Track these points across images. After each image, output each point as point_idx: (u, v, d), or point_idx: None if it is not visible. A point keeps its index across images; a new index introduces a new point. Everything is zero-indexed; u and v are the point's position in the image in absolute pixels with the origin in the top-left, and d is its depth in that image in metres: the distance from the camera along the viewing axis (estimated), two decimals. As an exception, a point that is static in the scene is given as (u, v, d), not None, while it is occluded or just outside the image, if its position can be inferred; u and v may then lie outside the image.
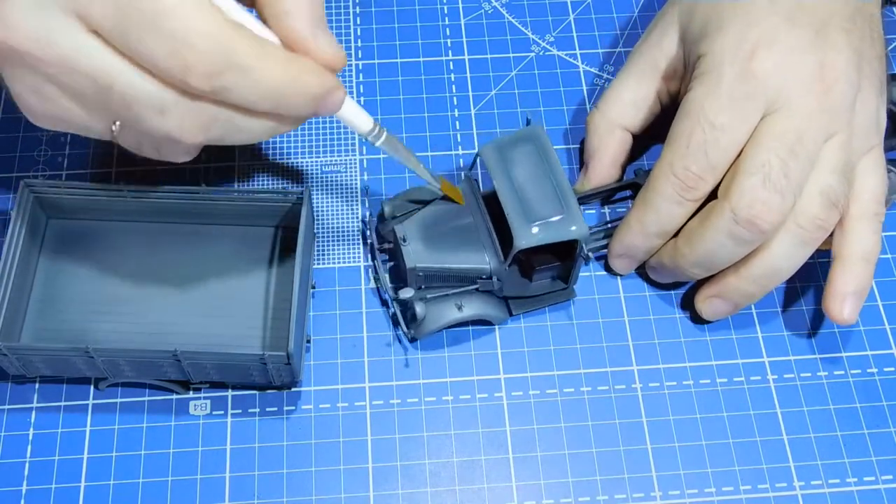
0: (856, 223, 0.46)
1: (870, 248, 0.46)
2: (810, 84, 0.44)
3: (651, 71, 0.51)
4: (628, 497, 0.45)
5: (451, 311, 0.47)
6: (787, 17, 0.45)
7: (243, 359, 0.43)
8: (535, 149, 0.47)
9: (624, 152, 0.52)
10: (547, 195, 0.45)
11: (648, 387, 0.48)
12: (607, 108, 0.52)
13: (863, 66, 0.46)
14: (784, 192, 0.44)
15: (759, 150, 0.44)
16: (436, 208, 0.48)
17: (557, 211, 0.45)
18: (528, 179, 0.46)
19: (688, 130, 0.45)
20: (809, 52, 0.45)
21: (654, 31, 0.51)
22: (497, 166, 0.46)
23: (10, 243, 0.45)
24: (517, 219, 0.45)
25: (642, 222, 0.48)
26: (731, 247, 0.45)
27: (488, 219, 0.47)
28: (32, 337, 0.47)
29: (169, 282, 0.49)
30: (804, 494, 0.46)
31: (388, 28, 0.59)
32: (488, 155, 0.47)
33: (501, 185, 0.46)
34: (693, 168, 0.45)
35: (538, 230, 0.45)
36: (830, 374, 0.49)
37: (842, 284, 0.46)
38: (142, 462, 0.45)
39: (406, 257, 0.46)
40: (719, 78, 0.45)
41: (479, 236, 0.47)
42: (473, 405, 0.48)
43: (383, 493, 0.45)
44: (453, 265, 0.47)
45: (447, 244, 0.47)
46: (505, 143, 0.47)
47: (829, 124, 0.45)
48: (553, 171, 0.46)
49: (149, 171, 0.53)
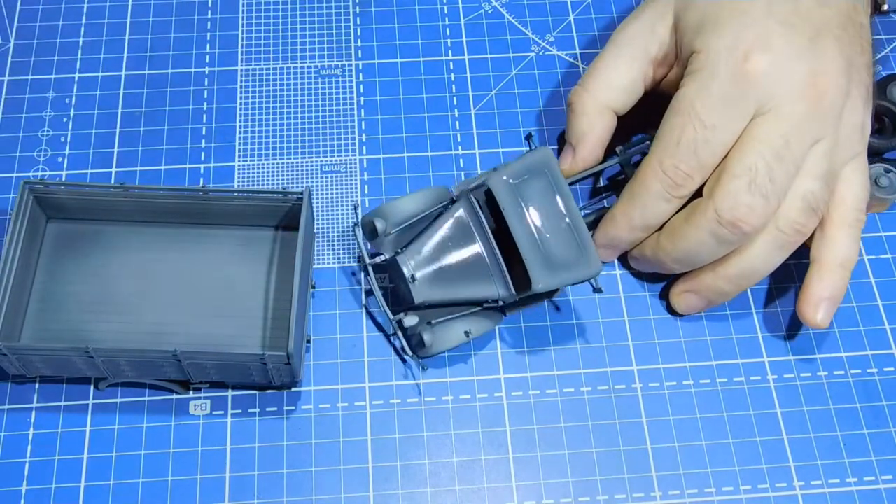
0: (836, 230, 0.47)
1: (848, 255, 0.47)
2: (802, 90, 0.45)
3: (642, 55, 0.50)
4: (628, 497, 0.45)
5: (459, 335, 0.47)
6: (783, 22, 0.46)
7: (243, 359, 0.43)
8: (548, 183, 0.45)
9: (610, 134, 0.51)
10: (562, 235, 0.45)
11: (648, 387, 0.48)
12: (597, 90, 0.51)
13: (852, 75, 0.46)
14: (768, 196, 0.44)
15: (747, 153, 0.44)
16: (440, 233, 0.46)
17: (573, 251, 0.45)
18: (542, 218, 0.45)
19: (678, 128, 0.45)
20: (803, 59, 0.45)
21: (646, 13, 0.51)
22: (510, 204, 0.45)
23: (10, 243, 0.45)
24: (535, 263, 0.44)
25: (628, 216, 0.48)
26: (713, 246, 0.46)
27: (495, 244, 0.46)
28: (32, 337, 0.47)
29: (169, 282, 0.49)
30: (804, 494, 0.46)
31: (388, 28, 0.59)
32: (500, 190, 0.45)
33: (516, 226, 0.44)
34: (682, 166, 0.45)
35: (556, 274, 0.44)
36: (830, 374, 0.49)
37: (818, 289, 0.47)
38: (142, 462, 0.45)
39: (414, 293, 0.45)
40: (713, 78, 0.45)
41: (486, 263, 0.46)
42: (473, 405, 0.48)
43: (383, 493, 0.45)
44: (462, 297, 0.46)
45: (455, 275, 0.46)
46: (515, 173, 0.45)
47: (816, 131, 0.45)
48: (567, 207, 0.45)
49: (149, 171, 0.53)
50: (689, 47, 0.47)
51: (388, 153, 0.55)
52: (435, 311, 0.47)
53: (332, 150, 0.55)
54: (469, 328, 0.47)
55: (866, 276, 0.52)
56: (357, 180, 0.54)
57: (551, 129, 0.56)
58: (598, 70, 0.51)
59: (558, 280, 0.44)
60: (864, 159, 0.48)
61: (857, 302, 0.51)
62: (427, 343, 0.46)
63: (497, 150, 0.55)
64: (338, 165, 0.54)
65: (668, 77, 0.50)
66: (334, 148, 0.55)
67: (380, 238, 0.47)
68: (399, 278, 0.47)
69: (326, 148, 0.55)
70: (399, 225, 0.47)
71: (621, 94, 0.51)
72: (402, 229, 0.47)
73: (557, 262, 0.44)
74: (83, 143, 0.54)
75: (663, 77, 0.51)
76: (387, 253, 0.47)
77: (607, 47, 0.51)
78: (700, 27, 0.47)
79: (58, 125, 0.55)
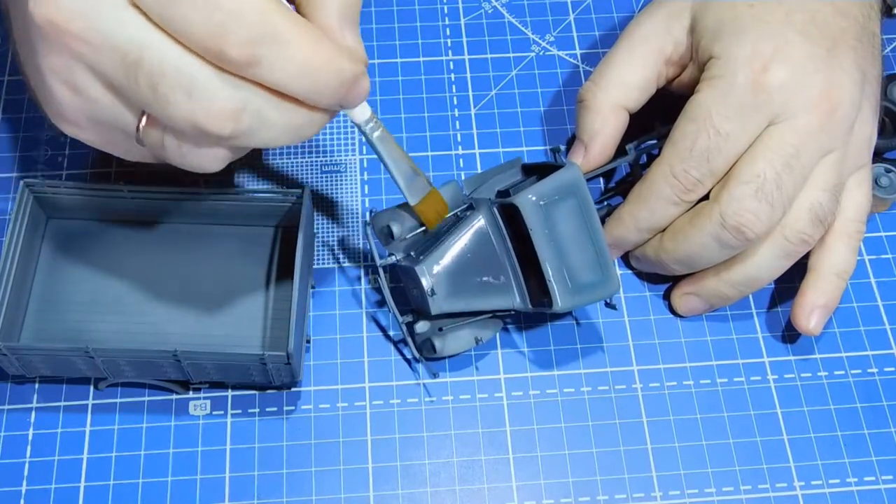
0: (836, 240, 0.47)
1: (845, 266, 0.47)
2: (817, 102, 0.45)
3: (658, 55, 0.50)
4: (628, 497, 0.45)
5: (469, 341, 0.47)
6: (802, 32, 0.46)
7: (243, 359, 0.43)
8: (576, 205, 0.45)
9: (622, 133, 0.51)
10: (586, 256, 0.44)
11: (648, 387, 0.48)
12: (610, 88, 0.50)
13: (865, 87, 0.47)
14: (774, 204, 0.44)
15: (757, 160, 0.45)
16: (459, 245, 0.45)
17: (596, 273, 0.45)
18: (568, 240, 0.44)
19: (692, 134, 0.45)
20: (820, 71, 0.45)
21: (661, 12, 0.50)
22: (538, 226, 0.44)
23: (10, 243, 0.45)
24: (559, 284, 0.44)
25: (636, 218, 0.48)
26: (715, 250, 0.46)
27: (514, 255, 0.46)
28: (32, 337, 0.47)
29: (169, 282, 0.49)
30: (804, 494, 0.46)
31: (388, 28, 0.59)
32: (529, 212, 0.44)
33: (542, 248, 0.44)
34: (693, 172, 0.45)
35: (577, 296, 0.44)
36: (830, 374, 0.49)
37: (813, 297, 0.47)
38: (142, 462, 0.45)
39: (432, 307, 0.45)
40: (730, 86, 0.45)
41: (504, 276, 0.46)
42: (473, 405, 0.48)
43: (383, 493, 0.45)
44: (477, 308, 0.46)
45: (472, 287, 0.46)
46: (545, 194, 0.44)
47: (828, 142, 0.45)
48: (592, 228, 0.45)
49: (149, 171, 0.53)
50: (706, 51, 0.47)
51: (388, 153, 0.54)
52: (446, 317, 0.47)
53: (332, 150, 0.55)
54: (478, 334, 0.47)
55: (866, 276, 0.52)
56: (357, 180, 0.54)
57: (551, 130, 0.56)
58: (612, 67, 0.51)
59: (579, 301, 0.44)
60: (868, 170, 0.48)
61: (857, 302, 0.51)
62: (438, 349, 0.46)
63: (497, 150, 0.55)
64: (338, 165, 0.54)
65: (680, 77, 0.50)
66: (334, 148, 0.55)
67: (395, 242, 0.46)
68: (410, 281, 0.46)
69: (326, 148, 0.55)
70: (415, 230, 0.46)
71: (635, 92, 0.50)
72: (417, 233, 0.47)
73: (579, 283, 0.44)
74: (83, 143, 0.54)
75: (675, 76, 0.51)
76: (398, 255, 0.46)
77: (620, 44, 0.51)
78: (718, 32, 0.47)
79: (58, 125, 0.55)
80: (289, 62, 0.35)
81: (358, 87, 0.38)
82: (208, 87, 0.35)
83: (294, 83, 0.36)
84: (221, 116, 0.36)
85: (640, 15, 0.51)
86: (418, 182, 0.45)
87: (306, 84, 0.36)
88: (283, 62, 0.35)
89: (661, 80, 0.51)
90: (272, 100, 0.37)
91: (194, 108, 0.36)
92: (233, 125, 0.36)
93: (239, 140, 0.37)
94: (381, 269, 0.46)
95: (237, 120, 0.36)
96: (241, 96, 0.36)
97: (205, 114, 0.36)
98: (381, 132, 0.43)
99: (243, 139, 0.37)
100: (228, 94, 0.36)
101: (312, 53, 0.36)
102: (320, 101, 0.38)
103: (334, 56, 0.37)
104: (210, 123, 0.36)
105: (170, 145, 0.38)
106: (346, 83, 0.37)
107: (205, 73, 0.35)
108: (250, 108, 0.36)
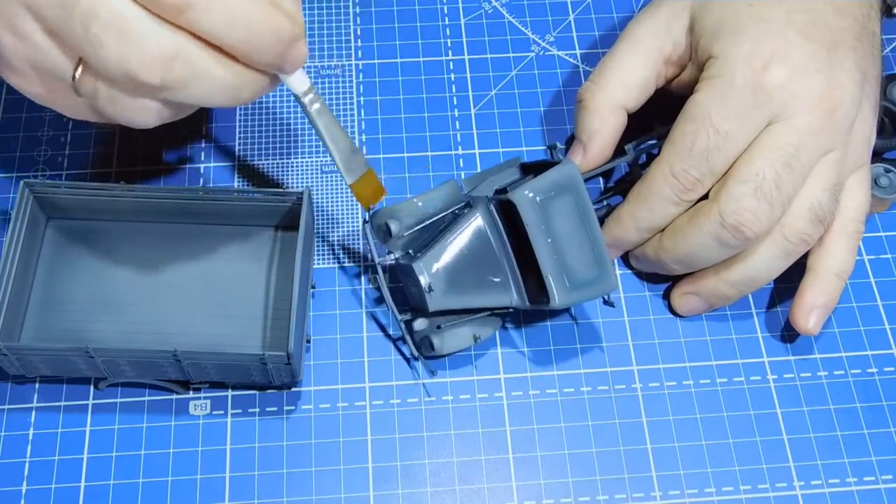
0: (834, 240, 0.47)
1: (844, 266, 0.47)
2: (817, 102, 0.45)
3: (657, 55, 0.50)
4: (628, 497, 0.45)
5: (467, 339, 0.47)
6: (802, 32, 0.46)
7: (243, 359, 0.43)
8: (573, 201, 0.45)
9: (621, 133, 0.51)
10: (583, 253, 0.45)
11: (648, 387, 0.48)
12: (609, 87, 0.50)
13: (865, 87, 0.47)
14: (773, 203, 0.44)
15: (756, 159, 0.45)
16: (457, 242, 0.46)
17: (592, 270, 0.45)
18: (565, 236, 0.44)
19: (692, 134, 0.45)
20: (820, 71, 0.45)
21: (661, 11, 0.50)
22: (535, 223, 0.44)
23: (10, 243, 0.45)
24: (555, 281, 0.44)
25: (635, 218, 0.48)
26: (715, 249, 0.46)
27: (513, 255, 0.46)
28: (32, 337, 0.47)
29: (169, 282, 0.49)
30: (804, 494, 0.46)
31: (388, 28, 0.59)
32: (525, 208, 0.44)
33: (539, 244, 0.44)
34: (693, 172, 0.45)
35: (574, 292, 0.44)
36: (830, 374, 0.49)
37: (811, 297, 0.47)
38: (142, 462, 0.45)
39: (430, 304, 0.45)
40: (730, 86, 0.45)
41: (502, 273, 0.46)
42: (473, 405, 0.48)
43: (383, 493, 0.45)
44: (475, 305, 0.46)
45: (470, 284, 0.46)
46: (541, 189, 0.44)
47: (827, 142, 0.45)
48: (589, 225, 0.45)
49: (149, 171, 0.53)
50: (706, 51, 0.47)
51: (388, 153, 0.55)
52: (444, 314, 0.47)
53: (332, 150, 0.55)
54: (477, 332, 0.47)
55: (866, 276, 0.52)
56: (357, 180, 0.54)
57: (551, 130, 0.56)
58: (611, 67, 0.50)
59: (576, 297, 0.44)
60: (867, 170, 0.48)
61: (857, 302, 0.51)
62: (436, 347, 0.46)
63: (497, 150, 0.55)
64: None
65: (680, 77, 0.50)
66: (334, 148, 0.55)
67: (393, 239, 0.46)
68: (408, 279, 0.46)
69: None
70: (413, 228, 0.46)
71: (634, 91, 0.50)
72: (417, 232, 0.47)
73: (576, 280, 0.44)
74: (83, 143, 0.54)
75: (675, 76, 0.51)
76: (396, 252, 0.46)
77: (620, 44, 0.51)
78: (717, 31, 0.47)
79: (58, 125, 0.55)
80: (223, 9, 0.35)
81: (295, 49, 0.38)
82: (140, 31, 0.35)
83: (228, 33, 0.36)
84: (152, 62, 0.36)
85: (640, 15, 0.51)
86: (356, 160, 0.45)
87: (241, 35, 0.36)
88: (216, 8, 0.35)
89: (660, 80, 0.51)
90: (206, 50, 0.36)
91: (126, 52, 0.35)
92: (163, 72, 0.36)
93: (171, 92, 0.37)
94: (379, 267, 0.46)
95: (168, 67, 0.36)
96: (174, 42, 0.36)
97: (136, 58, 0.35)
98: (319, 105, 0.43)
99: (176, 91, 0.37)
100: (160, 40, 0.35)
101: (247, 3, 0.36)
102: (256, 57, 0.37)
103: (271, 11, 0.36)
104: (141, 69, 0.36)
105: (102, 95, 0.38)
106: (283, 42, 0.37)
107: (138, 15, 0.35)
108: (183, 57, 0.36)
